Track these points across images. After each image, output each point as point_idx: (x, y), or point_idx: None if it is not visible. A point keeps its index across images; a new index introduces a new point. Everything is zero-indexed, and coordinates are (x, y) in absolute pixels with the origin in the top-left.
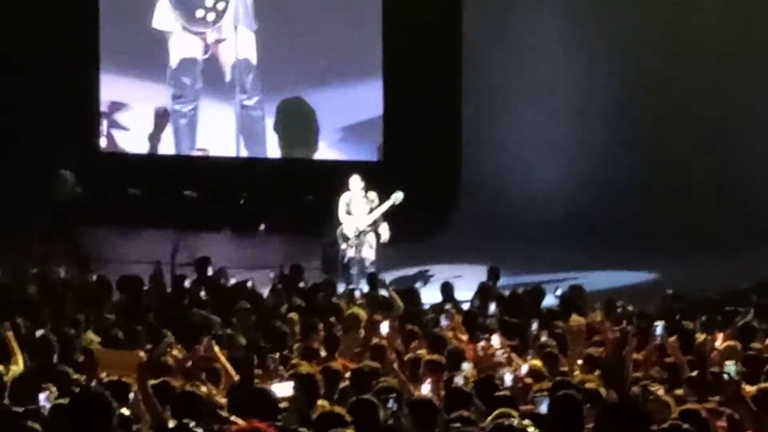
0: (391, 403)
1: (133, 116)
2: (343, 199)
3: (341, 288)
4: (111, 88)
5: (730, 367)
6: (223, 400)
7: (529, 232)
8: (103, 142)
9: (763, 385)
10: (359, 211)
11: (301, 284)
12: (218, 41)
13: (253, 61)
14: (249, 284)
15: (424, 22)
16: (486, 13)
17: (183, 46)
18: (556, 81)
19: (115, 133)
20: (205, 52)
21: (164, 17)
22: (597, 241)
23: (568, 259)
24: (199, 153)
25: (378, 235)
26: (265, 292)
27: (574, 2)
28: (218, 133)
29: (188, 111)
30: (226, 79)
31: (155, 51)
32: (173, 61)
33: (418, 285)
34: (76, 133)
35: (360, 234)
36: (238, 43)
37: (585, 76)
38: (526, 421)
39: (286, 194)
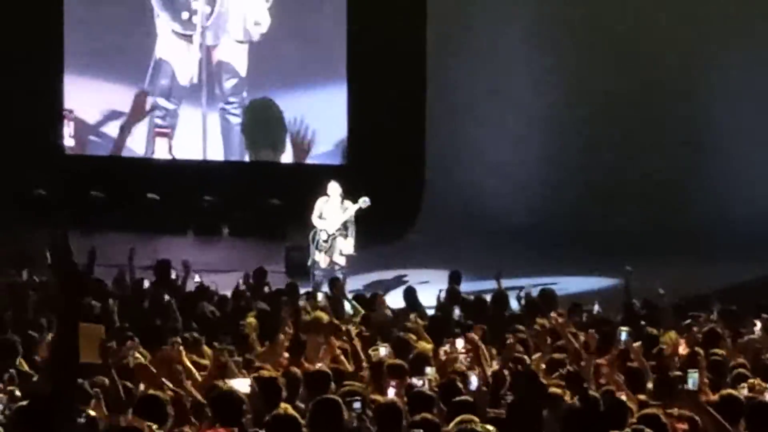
0: (356, 406)
1: (97, 118)
2: (318, 204)
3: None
4: (75, 90)
5: (692, 375)
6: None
7: (495, 237)
8: (68, 144)
9: (724, 392)
10: (333, 217)
11: (265, 288)
12: (203, 45)
13: (237, 66)
14: (212, 287)
15: (388, 27)
16: (450, 16)
17: (165, 48)
18: (522, 85)
19: (80, 135)
20: (189, 56)
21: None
22: (564, 247)
23: (535, 264)
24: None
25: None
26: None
27: (538, 7)
28: (190, 136)
29: (166, 112)
30: (205, 83)
31: (122, 53)
32: (155, 63)
33: (387, 289)
34: (39, 135)
35: (329, 239)
36: (222, 48)
37: (552, 80)
38: (490, 427)
39: (251, 197)
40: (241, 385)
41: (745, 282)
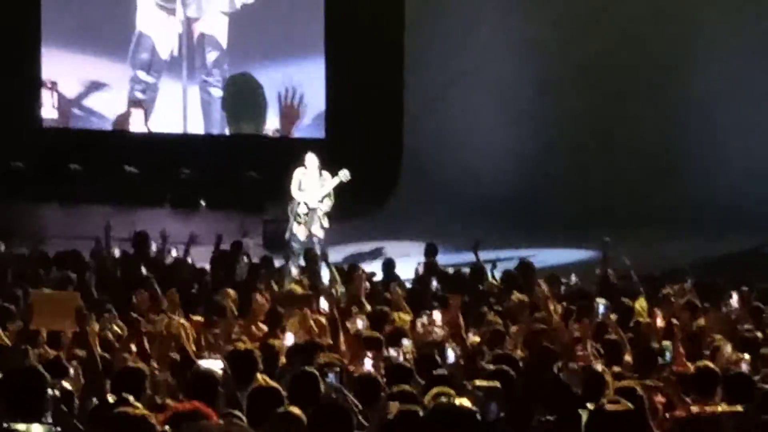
0: (330, 378)
1: (79, 90)
2: (296, 175)
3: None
4: (54, 63)
5: (668, 348)
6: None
7: (474, 210)
8: (50, 117)
9: (701, 363)
10: (311, 189)
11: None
12: (185, 17)
13: (219, 38)
14: (189, 260)
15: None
16: None
17: (147, 21)
18: (501, 58)
19: (62, 108)
20: (170, 28)
21: None
22: (542, 219)
23: (513, 237)
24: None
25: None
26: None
27: None
28: (170, 109)
29: (146, 85)
30: (185, 56)
31: (102, 25)
32: (138, 36)
33: (366, 261)
34: (17, 108)
35: (310, 211)
36: (205, 21)
37: (530, 54)
38: (464, 400)
39: (229, 170)
40: (214, 365)
41: (723, 256)
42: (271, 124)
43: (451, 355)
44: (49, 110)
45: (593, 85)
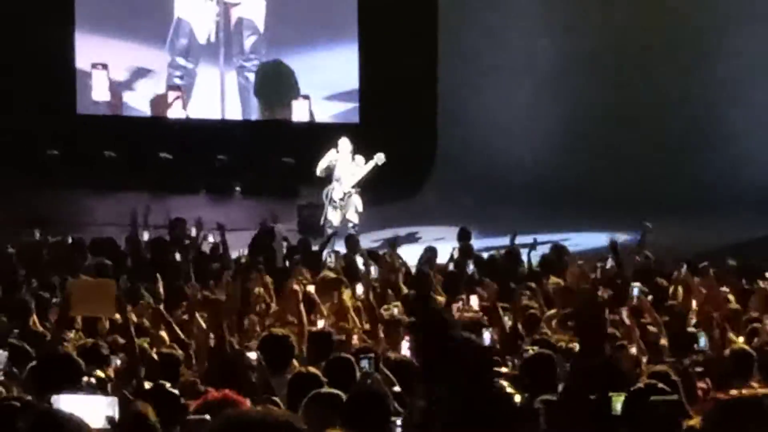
0: (364, 363)
1: (110, 77)
2: (327, 157)
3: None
4: (87, 49)
5: (702, 335)
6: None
7: (508, 194)
8: (103, 99)
9: (736, 346)
10: (346, 174)
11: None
12: (221, 2)
13: (256, 22)
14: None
15: None
16: None
17: (185, 6)
18: (532, 48)
19: (90, 87)
20: (208, 13)
21: None
22: (577, 203)
23: (548, 221)
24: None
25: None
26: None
27: None
28: (211, 93)
29: (184, 71)
30: (223, 42)
31: (138, 10)
32: (177, 21)
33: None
34: (52, 95)
35: (345, 196)
36: (242, 6)
37: (562, 44)
38: (504, 382)
39: (263, 156)
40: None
41: (761, 238)
42: (305, 109)
43: (487, 338)
44: (101, 92)
45: (627, 70)
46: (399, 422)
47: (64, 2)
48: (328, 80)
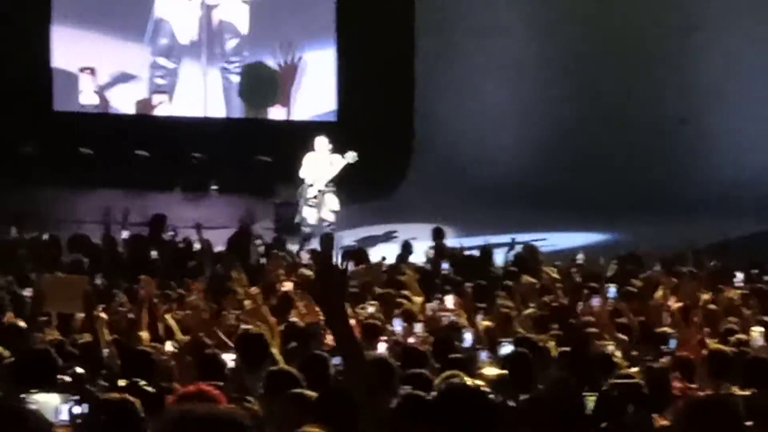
0: (336, 361)
1: (88, 74)
2: (307, 159)
3: (295, 248)
4: (65, 47)
5: (673, 337)
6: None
7: (485, 193)
8: (91, 102)
9: (713, 347)
10: (320, 172)
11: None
12: (204, 4)
13: (238, 25)
14: (197, 245)
15: None
16: None
17: (165, 6)
18: (512, 45)
19: (71, 91)
20: (189, 14)
21: None
22: (554, 203)
23: (524, 220)
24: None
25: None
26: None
27: None
28: (193, 94)
29: (166, 71)
30: (205, 42)
31: (115, 9)
32: (157, 21)
33: (379, 244)
34: (29, 93)
35: (319, 195)
36: (224, 8)
37: (542, 42)
38: (479, 381)
39: (240, 154)
40: (226, 359)
41: (738, 238)
42: (285, 109)
43: (468, 339)
44: (88, 96)
45: (603, 72)
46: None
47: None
48: (308, 81)
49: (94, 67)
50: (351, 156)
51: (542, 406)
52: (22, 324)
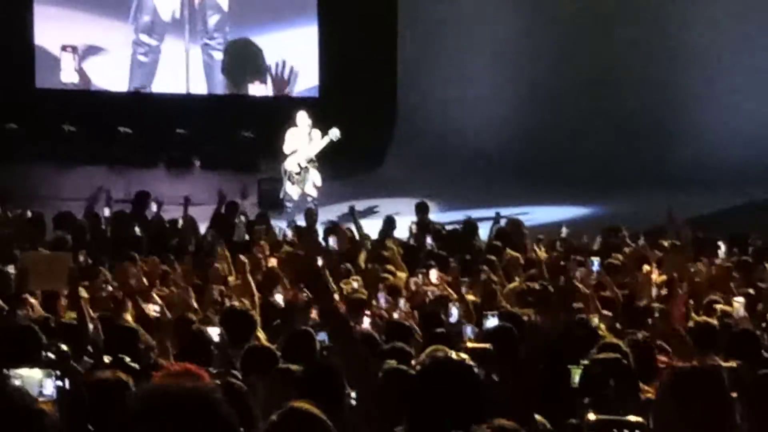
0: (321, 337)
1: (70, 52)
2: (289, 135)
3: (282, 224)
4: (47, 24)
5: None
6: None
7: (467, 168)
8: (71, 81)
9: (699, 319)
10: (302, 148)
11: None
12: None
13: (221, 3)
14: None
15: None
16: None
17: None
18: (496, 18)
19: (54, 69)
20: None
21: None
22: (537, 177)
23: (506, 195)
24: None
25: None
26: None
27: None
28: (175, 70)
29: (148, 48)
30: (189, 19)
31: None
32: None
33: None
34: (11, 70)
35: (302, 171)
36: None
37: (526, 12)
38: (463, 354)
39: (223, 130)
40: (212, 333)
41: (717, 212)
42: (269, 86)
43: (454, 313)
44: (69, 74)
45: (589, 44)
46: (354, 395)
47: None
48: (291, 57)
49: (76, 45)
50: (334, 134)
51: (527, 379)
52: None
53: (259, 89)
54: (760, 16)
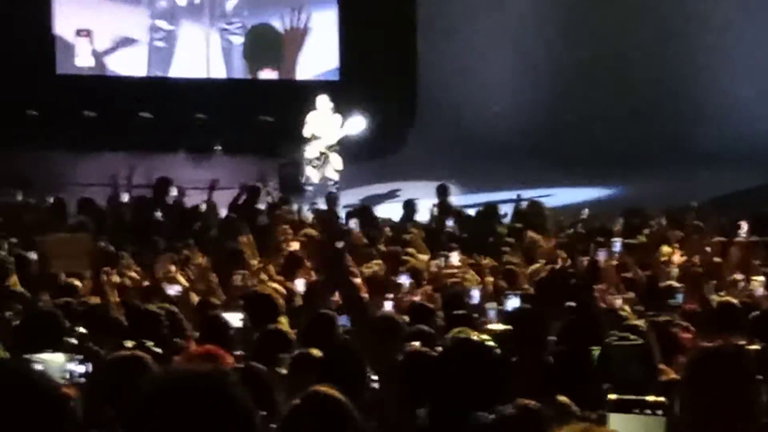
0: (343, 321)
1: (93, 43)
2: (309, 119)
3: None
4: (66, 10)
5: (680, 292)
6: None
7: (489, 151)
8: (87, 65)
9: (722, 299)
10: (324, 132)
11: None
12: None
13: None
14: (202, 207)
15: None
16: None
17: None
18: (514, 3)
19: (72, 55)
20: None
21: None
22: (559, 159)
23: (529, 177)
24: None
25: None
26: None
27: None
28: (193, 55)
29: (166, 33)
30: (206, 3)
31: None
32: None
33: (383, 202)
34: (31, 56)
35: (322, 155)
36: None
37: (540, 4)
38: (485, 336)
39: (243, 115)
40: (233, 318)
41: (739, 192)
42: (289, 70)
43: (476, 296)
44: (85, 58)
45: (604, 27)
46: (376, 378)
47: None
48: (309, 39)
49: (91, 30)
50: (357, 123)
51: (548, 362)
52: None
53: (279, 73)
54: None
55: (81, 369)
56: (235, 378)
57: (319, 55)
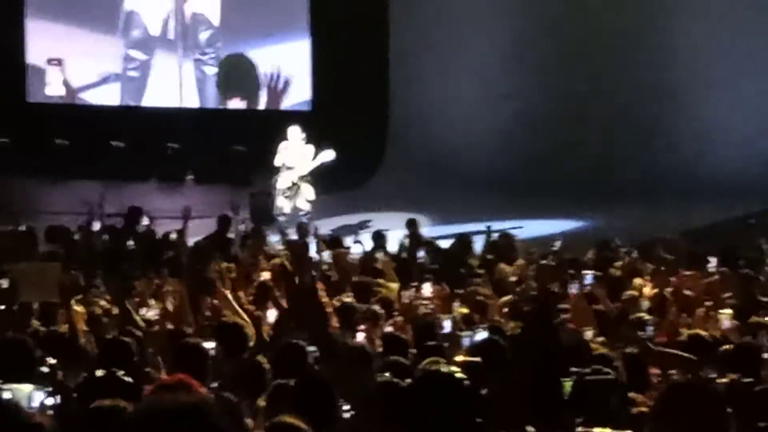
0: (311, 349)
1: (64, 71)
2: (281, 149)
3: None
4: (38, 38)
5: (650, 323)
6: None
7: (459, 183)
8: (57, 94)
9: (691, 332)
10: (296, 162)
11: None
12: None
13: (210, 17)
14: (173, 236)
15: None
16: None
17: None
18: (486, 32)
19: (45, 83)
20: (161, 7)
21: None
22: (528, 191)
23: (501, 209)
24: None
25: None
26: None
27: None
28: (166, 85)
29: (139, 63)
30: (180, 34)
31: (84, 1)
32: (128, 14)
33: (354, 233)
34: (2, 84)
35: (294, 185)
36: (196, 0)
37: (518, 27)
38: (454, 368)
39: (215, 144)
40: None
41: (709, 225)
42: (262, 101)
43: (447, 325)
44: (56, 87)
45: (577, 58)
46: (347, 408)
47: None
48: (284, 71)
49: (62, 59)
50: (328, 155)
51: (517, 392)
52: None
53: (251, 103)
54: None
55: (50, 401)
56: (219, 409)
57: (292, 86)
